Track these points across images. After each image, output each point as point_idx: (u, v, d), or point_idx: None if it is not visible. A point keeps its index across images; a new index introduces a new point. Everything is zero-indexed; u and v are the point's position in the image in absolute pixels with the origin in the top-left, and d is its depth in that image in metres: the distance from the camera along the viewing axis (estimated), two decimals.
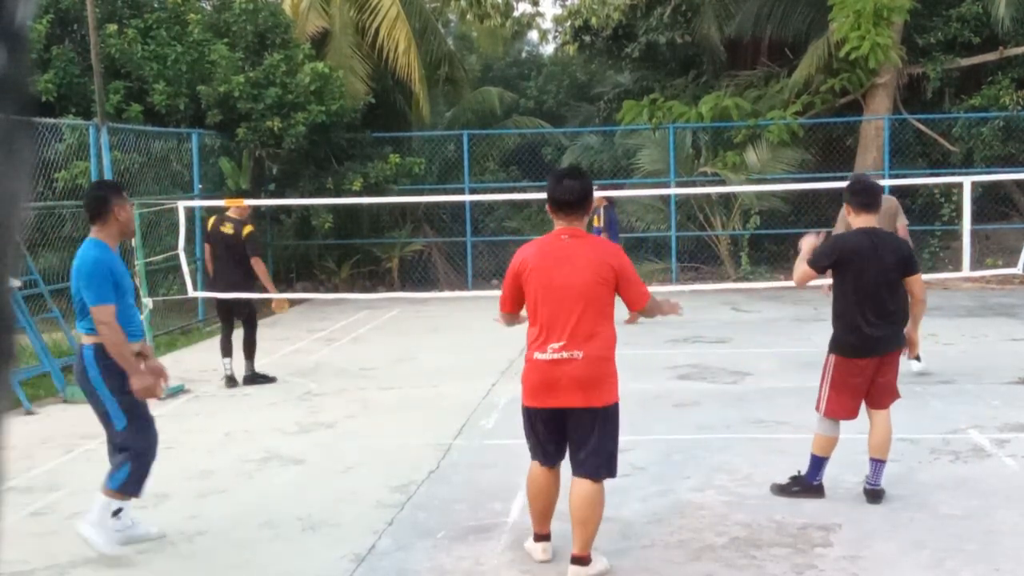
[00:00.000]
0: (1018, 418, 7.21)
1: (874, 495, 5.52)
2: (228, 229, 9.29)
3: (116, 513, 5.06)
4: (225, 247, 9.29)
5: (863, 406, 5.67)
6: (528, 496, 4.81)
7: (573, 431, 4.51)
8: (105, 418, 4.99)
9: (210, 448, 6.98)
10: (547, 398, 4.46)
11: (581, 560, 4.53)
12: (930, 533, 4.97)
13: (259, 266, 9.38)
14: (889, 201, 8.77)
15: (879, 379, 5.54)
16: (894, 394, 5.66)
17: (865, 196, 5.51)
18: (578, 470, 4.52)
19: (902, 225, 8.18)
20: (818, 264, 5.49)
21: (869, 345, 5.41)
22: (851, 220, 5.59)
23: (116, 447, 5.02)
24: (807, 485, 5.58)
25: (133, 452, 4.94)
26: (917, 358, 8.73)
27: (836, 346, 5.50)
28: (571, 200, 4.54)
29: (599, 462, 4.50)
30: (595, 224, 11.74)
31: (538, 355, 4.45)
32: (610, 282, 4.47)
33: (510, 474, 6.15)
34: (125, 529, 5.10)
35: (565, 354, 4.39)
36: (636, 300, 4.60)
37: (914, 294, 5.55)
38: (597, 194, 11.70)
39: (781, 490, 5.64)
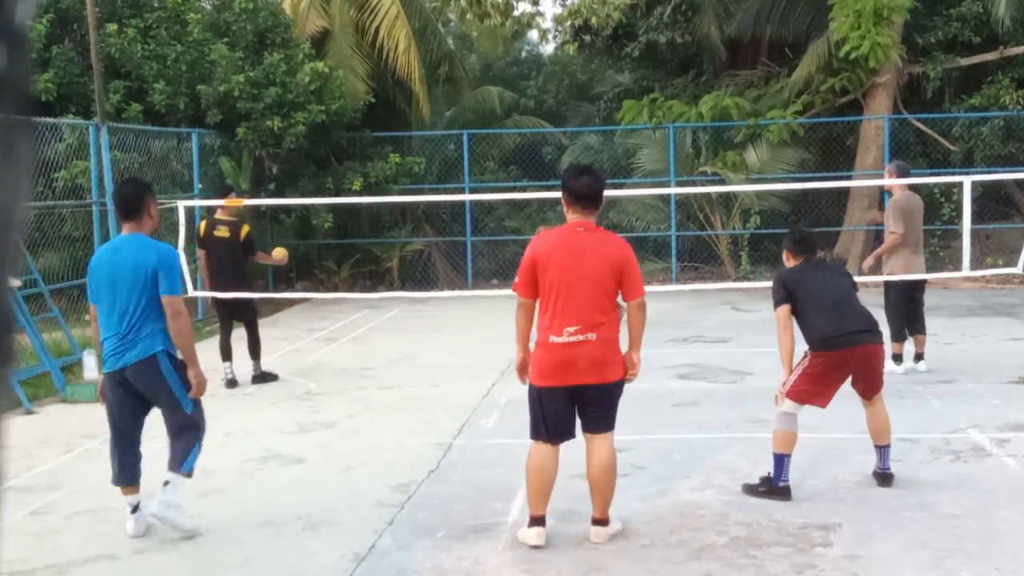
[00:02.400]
0: (1018, 418, 7.21)
1: (884, 478, 5.72)
2: (223, 232, 9.24)
3: (135, 509, 5.23)
4: (221, 250, 9.23)
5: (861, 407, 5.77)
6: (529, 475, 4.94)
7: (588, 403, 4.89)
8: (173, 407, 5.19)
9: (210, 448, 6.94)
10: (565, 377, 4.80)
11: (602, 522, 4.97)
12: (930, 533, 4.97)
13: (264, 258, 9.73)
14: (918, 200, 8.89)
15: (864, 373, 5.64)
16: (879, 385, 5.75)
17: (804, 244, 5.93)
18: (591, 427, 4.95)
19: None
20: (777, 303, 5.73)
21: (844, 337, 5.50)
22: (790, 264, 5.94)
23: (181, 429, 5.20)
24: (773, 487, 5.56)
25: (200, 430, 5.27)
26: (921, 356, 8.80)
27: (811, 346, 5.64)
28: (589, 193, 4.92)
29: (609, 422, 4.97)
30: None
31: (554, 338, 4.80)
32: (617, 273, 4.84)
33: (510, 474, 6.15)
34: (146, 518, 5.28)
35: (581, 336, 4.78)
36: (634, 291, 4.92)
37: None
38: None
39: (750, 490, 5.65)
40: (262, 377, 9.33)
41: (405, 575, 4.67)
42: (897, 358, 8.75)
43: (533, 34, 23.74)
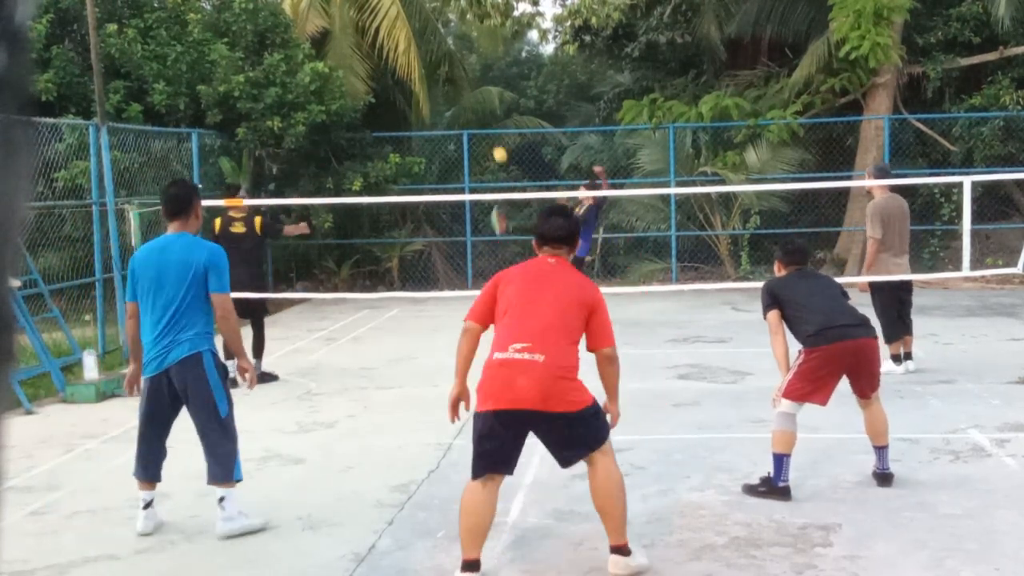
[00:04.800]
0: (1018, 418, 7.21)
1: (884, 479, 5.69)
2: (239, 228, 9.29)
3: (148, 505, 5.24)
4: (240, 245, 9.22)
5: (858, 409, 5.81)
6: (460, 514, 4.46)
7: (550, 438, 4.46)
8: (209, 408, 5.16)
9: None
10: (501, 398, 4.30)
11: (621, 549, 4.47)
12: (930, 533, 4.96)
13: (291, 230, 10.31)
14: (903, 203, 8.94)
15: (859, 368, 5.64)
16: (875, 382, 5.75)
17: (796, 255, 6.00)
18: (571, 456, 4.48)
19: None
20: (765, 309, 5.80)
21: (836, 330, 5.54)
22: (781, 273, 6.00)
23: (216, 440, 5.16)
24: (773, 487, 5.56)
25: (235, 441, 5.25)
26: (909, 356, 8.81)
27: (804, 343, 5.68)
28: (560, 236, 4.73)
29: (591, 441, 4.42)
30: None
31: (497, 355, 4.37)
32: (584, 311, 4.48)
33: None
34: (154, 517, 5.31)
35: (527, 355, 4.28)
36: (603, 339, 4.54)
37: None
38: (587, 194, 11.70)
39: (750, 490, 5.65)
40: (262, 377, 9.33)
41: (405, 575, 4.67)
42: (896, 359, 8.77)
43: (533, 34, 23.75)
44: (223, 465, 5.16)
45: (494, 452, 4.38)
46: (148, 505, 5.26)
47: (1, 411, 0.96)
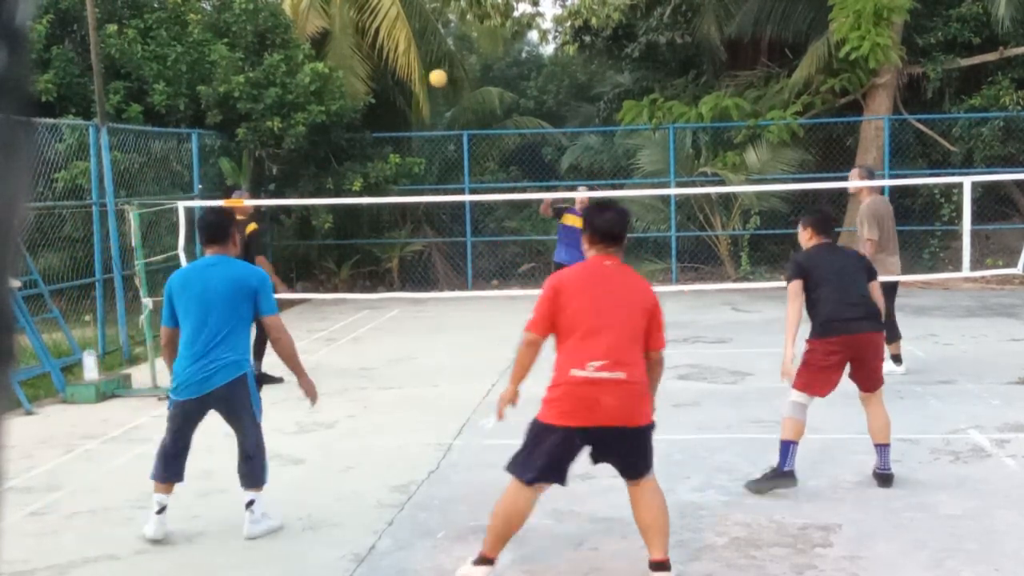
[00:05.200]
0: (1018, 418, 7.21)
1: (884, 479, 5.70)
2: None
3: (162, 511, 5.21)
4: (245, 252, 9.31)
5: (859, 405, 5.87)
6: (499, 518, 4.42)
7: (617, 450, 4.47)
8: (252, 423, 5.30)
9: (210, 448, 6.96)
10: (588, 417, 4.27)
11: (664, 564, 4.44)
12: (930, 533, 4.97)
13: (265, 265, 9.46)
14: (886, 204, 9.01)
15: (861, 362, 5.74)
16: (877, 377, 5.85)
17: (827, 224, 6.19)
18: (631, 473, 4.53)
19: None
20: (790, 278, 5.86)
21: (842, 324, 5.65)
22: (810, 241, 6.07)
23: (254, 445, 5.29)
24: (778, 472, 5.66)
25: (264, 442, 5.36)
26: (897, 358, 8.82)
27: (812, 333, 5.78)
28: (616, 232, 4.55)
29: (648, 462, 4.57)
30: (574, 223, 11.39)
31: (576, 371, 4.27)
32: (646, 315, 4.46)
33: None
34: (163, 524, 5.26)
35: (607, 373, 4.26)
36: (657, 341, 4.55)
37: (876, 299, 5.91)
38: (585, 194, 11.69)
39: (754, 484, 5.71)
40: (262, 378, 9.33)
41: (405, 575, 4.67)
42: (896, 359, 8.77)
43: (533, 35, 23.74)
44: (257, 470, 5.29)
45: (559, 464, 4.38)
46: (162, 510, 5.20)
47: (1, 411, 0.96)
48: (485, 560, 4.46)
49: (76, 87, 13.72)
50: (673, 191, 15.82)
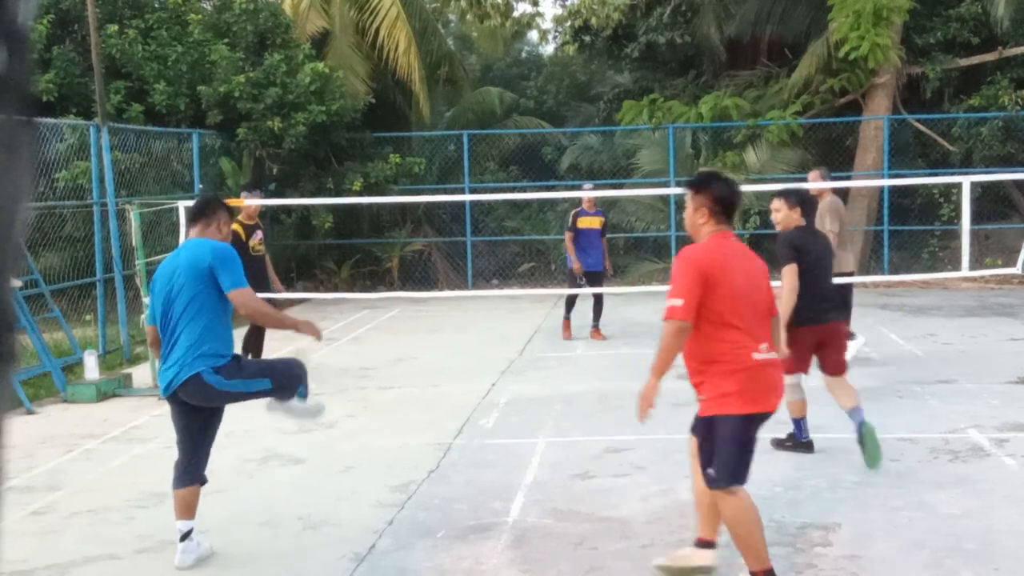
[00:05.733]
0: (1017, 418, 7.22)
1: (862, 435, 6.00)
2: (260, 249, 9.46)
3: (186, 536, 4.87)
4: (261, 263, 9.43)
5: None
6: (746, 527, 4.19)
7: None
8: (252, 397, 4.86)
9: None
10: (769, 401, 4.23)
11: (710, 544, 4.49)
12: (930, 533, 4.97)
13: (274, 280, 9.81)
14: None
15: (828, 348, 6.24)
16: (843, 361, 6.39)
17: (809, 205, 6.62)
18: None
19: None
20: (787, 261, 6.24)
21: (814, 314, 6.13)
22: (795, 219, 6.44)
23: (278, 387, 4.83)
24: (798, 441, 6.38)
25: (289, 370, 4.88)
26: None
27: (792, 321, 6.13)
28: (737, 202, 4.42)
29: None
30: (594, 226, 11.35)
31: (756, 355, 4.16)
32: (770, 287, 4.47)
33: (510, 474, 6.16)
34: (197, 549, 4.92)
35: (772, 355, 4.27)
36: (775, 307, 4.57)
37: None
38: (592, 194, 11.67)
39: (778, 444, 6.36)
40: None
41: (405, 575, 4.68)
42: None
43: (533, 35, 23.74)
44: (288, 387, 4.83)
45: (752, 454, 4.32)
46: (186, 536, 4.85)
47: (1, 411, 0.96)
48: (765, 573, 4.21)
49: (77, 87, 13.73)
50: (673, 191, 15.81)
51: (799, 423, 6.36)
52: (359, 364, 10.22)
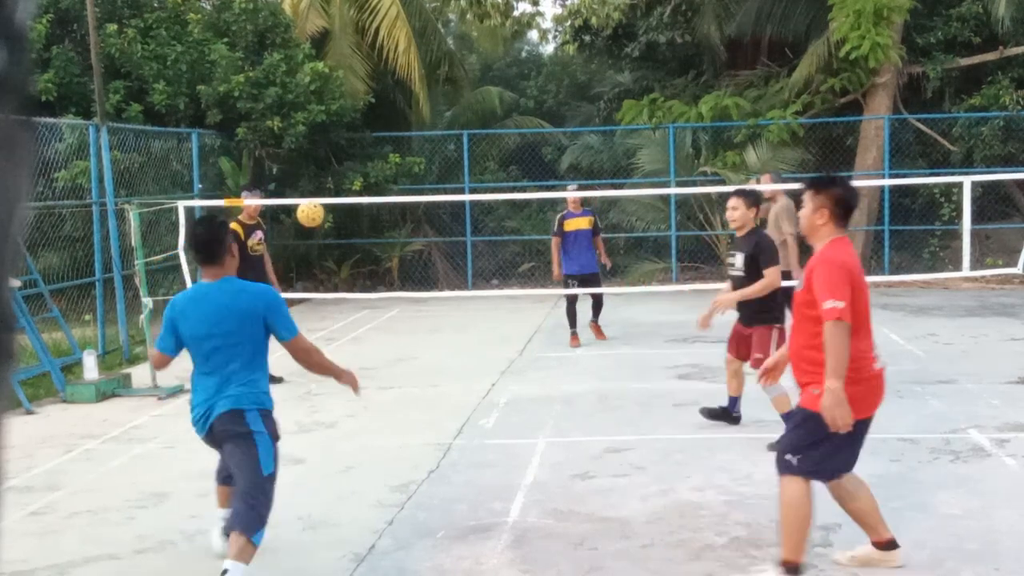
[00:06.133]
0: (1018, 418, 7.21)
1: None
2: (259, 249, 9.45)
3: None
4: (260, 263, 9.42)
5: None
6: (798, 517, 4.30)
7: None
8: (251, 462, 4.51)
9: (210, 448, 6.97)
10: (875, 405, 4.34)
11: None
12: (930, 533, 4.96)
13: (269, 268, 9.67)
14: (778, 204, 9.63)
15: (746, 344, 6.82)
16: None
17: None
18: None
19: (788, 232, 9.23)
20: (775, 263, 6.79)
21: (781, 316, 6.73)
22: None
23: (250, 493, 4.48)
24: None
25: (268, 499, 4.55)
26: None
27: (775, 319, 6.81)
28: (856, 207, 4.57)
29: None
30: (583, 227, 11.23)
31: (877, 366, 4.33)
32: None
33: (510, 474, 6.15)
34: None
35: (881, 363, 4.40)
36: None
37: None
38: (576, 194, 11.63)
39: (774, 446, 5.97)
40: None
41: (405, 575, 4.67)
42: None
43: (533, 34, 23.74)
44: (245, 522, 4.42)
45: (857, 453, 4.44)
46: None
47: (1, 411, 0.96)
48: (794, 569, 4.33)
49: (76, 87, 13.73)
50: (673, 191, 15.82)
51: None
52: (359, 364, 10.16)
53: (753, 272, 6.60)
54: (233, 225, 9.56)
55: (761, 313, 6.67)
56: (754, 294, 6.52)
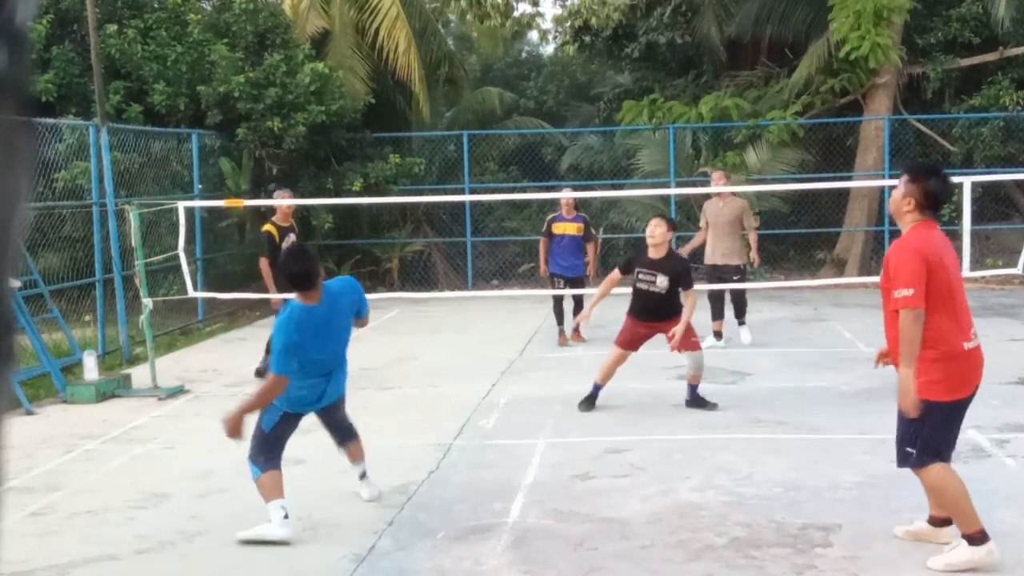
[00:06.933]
0: (1018, 418, 7.22)
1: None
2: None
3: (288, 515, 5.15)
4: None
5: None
6: (960, 495, 4.48)
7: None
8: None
9: (210, 448, 6.97)
10: (972, 385, 4.53)
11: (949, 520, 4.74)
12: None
13: (263, 266, 9.49)
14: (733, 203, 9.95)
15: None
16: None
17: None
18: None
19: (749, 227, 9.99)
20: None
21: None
22: None
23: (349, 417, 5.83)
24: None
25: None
26: (718, 335, 10.69)
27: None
28: (946, 202, 4.82)
29: None
30: (570, 232, 11.28)
31: (967, 344, 4.49)
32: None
33: (510, 474, 6.15)
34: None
35: (978, 340, 4.57)
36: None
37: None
38: (570, 195, 11.63)
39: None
40: (264, 372, 9.34)
41: (405, 575, 4.67)
42: (718, 335, 10.65)
43: (533, 35, 23.76)
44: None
45: (957, 432, 4.62)
46: (288, 515, 5.13)
47: (1, 411, 0.96)
48: (979, 536, 4.46)
49: (76, 87, 13.72)
50: (673, 191, 15.82)
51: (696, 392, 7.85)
52: (359, 364, 10.18)
53: (673, 291, 7.60)
54: (268, 227, 9.61)
55: (672, 312, 7.69)
56: (689, 316, 7.61)
